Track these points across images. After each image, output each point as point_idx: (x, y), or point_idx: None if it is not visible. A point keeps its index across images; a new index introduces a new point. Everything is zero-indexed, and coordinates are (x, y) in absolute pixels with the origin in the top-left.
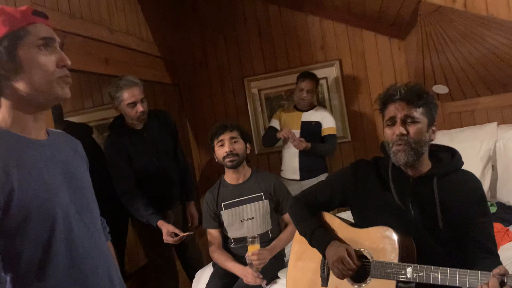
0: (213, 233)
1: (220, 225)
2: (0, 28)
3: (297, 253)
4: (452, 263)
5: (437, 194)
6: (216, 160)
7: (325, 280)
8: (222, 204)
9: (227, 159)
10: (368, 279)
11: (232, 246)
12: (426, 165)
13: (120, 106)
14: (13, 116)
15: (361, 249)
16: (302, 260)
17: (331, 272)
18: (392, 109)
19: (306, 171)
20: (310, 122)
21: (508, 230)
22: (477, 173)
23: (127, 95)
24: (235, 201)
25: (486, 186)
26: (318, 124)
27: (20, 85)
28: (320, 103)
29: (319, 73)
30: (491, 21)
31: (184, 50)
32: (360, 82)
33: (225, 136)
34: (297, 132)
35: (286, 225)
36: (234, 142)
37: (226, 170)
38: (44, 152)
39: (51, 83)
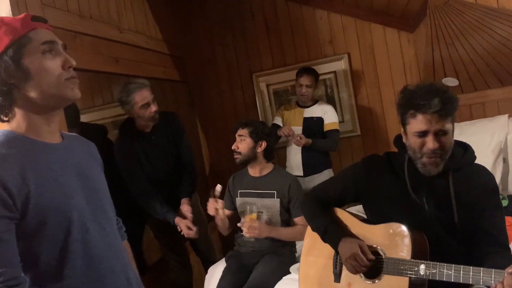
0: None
1: (233, 209)
2: (3, 39)
3: (309, 248)
4: (466, 258)
5: (452, 190)
6: None
7: (337, 276)
8: (238, 191)
9: (234, 156)
10: (381, 275)
11: (236, 235)
12: None
13: (132, 109)
14: (28, 122)
15: (374, 245)
16: (314, 255)
17: (343, 267)
18: (424, 121)
19: (309, 167)
20: (312, 118)
21: None
22: (488, 166)
23: (139, 98)
24: (249, 192)
25: (497, 179)
26: (320, 120)
27: (31, 92)
28: (329, 97)
29: (328, 67)
30: (501, 13)
31: (192, 47)
32: (369, 76)
33: (237, 133)
34: (299, 129)
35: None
36: (241, 140)
37: None
38: (58, 155)
39: (60, 86)
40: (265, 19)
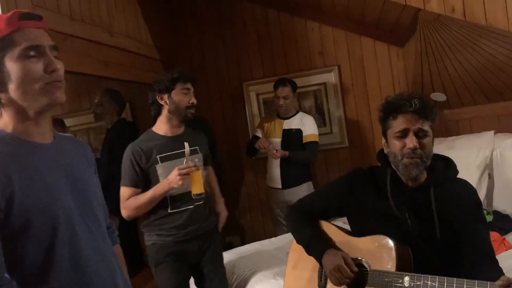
0: (130, 192)
1: (141, 184)
2: None
3: (294, 261)
4: (448, 272)
5: (434, 204)
6: (167, 106)
7: None
8: (158, 157)
9: (190, 110)
10: (365, 287)
11: (169, 211)
12: (423, 174)
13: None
14: (15, 123)
15: (359, 258)
16: (298, 268)
17: (328, 280)
18: (404, 121)
19: (288, 180)
20: (291, 130)
21: (504, 239)
22: (473, 181)
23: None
24: (171, 154)
25: (482, 194)
26: (299, 131)
27: (12, 94)
28: (318, 109)
29: (318, 78)
30: (489, 31)
31: (183, 53)
32: (358, 88)
33: (191, 86)
34: (278, 141)
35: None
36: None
37: (164, 121)
38: (47, 155)
39: (41, 89)
40: (257, 28)
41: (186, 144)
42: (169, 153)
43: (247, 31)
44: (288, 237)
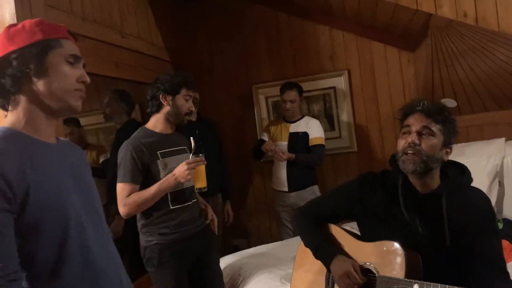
0: (130, 189)
1: (140, 181)
2: (37, 34)
3: (300, 263)
4: (458, 282)
5: (445, 212)
6: (168, 107)
7: None
8: (158, 152)
9: (187, 117)
10: None
11: (171, 207)
12: (435, 181)
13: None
14: (27, 117)
15: (367, 263)
16: (305, 271)
17: (336, 286)
18: (411, 120)
19: (294, 183)
20: (297, 133)
21: None
22: (483, 188)
23: (184, 91)
24: (172, 150)
25: (492, 202)
26: (305, 135)
27: (40, 87)
28: (327, 113)
29: (327, 82)
30: (502, 37)
31: (192, 55)
32: (368, 93)
33: (192, 93)
34: (285, 144)
35: None
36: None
37: (161, 120)
38: (55, 155)
39: (68, 92)
40: (267, 31)
41: (191, 139)
42: (168, 150)
43: (257, 34)
44: (295, 241)
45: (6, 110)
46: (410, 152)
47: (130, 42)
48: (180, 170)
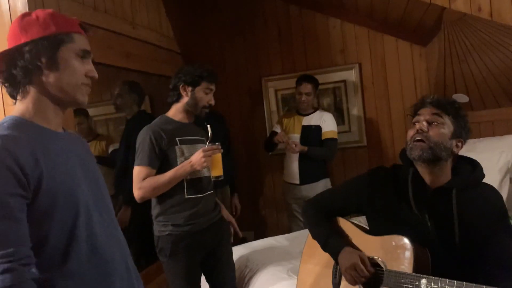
0: (147, 172)
1: (157, 166)
2: (51, 27)
3: (308, 256)
4: (467, 279)
5: (455, 208)
6: (187, 98)
7: (336, 285)
8: (177, 139)
9: (205, 110)
10: (380, 287)
11: (186, 197)
12: (446, 175)
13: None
14: (37, 107)
15: (375, 257)
16: (312, 263)
17: (343, 278)
18: (421, 111)
19: (305, 176)
20: (310, 126)
21: None
22: (494, 184)
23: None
24: (190, 138)
25: (503, 198)
26: (318, 128)
27: (50, 79)
28: (337, 107)
29: (338, 76)
30: None
31: (203, 47)
32: (379, 87)
33: (214, 87)
34: (297, 137)
35: None
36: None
37: (180, 109)
38: (64, 144)
39: (76, 86)
40: (278, 24)
41: (208, 127)
42: (186, 137)
43: (268, 27)
44: (302, 234)
45: (15, 99)
46: (418, 138)
47: (141, 33)
48: (197, 157)
